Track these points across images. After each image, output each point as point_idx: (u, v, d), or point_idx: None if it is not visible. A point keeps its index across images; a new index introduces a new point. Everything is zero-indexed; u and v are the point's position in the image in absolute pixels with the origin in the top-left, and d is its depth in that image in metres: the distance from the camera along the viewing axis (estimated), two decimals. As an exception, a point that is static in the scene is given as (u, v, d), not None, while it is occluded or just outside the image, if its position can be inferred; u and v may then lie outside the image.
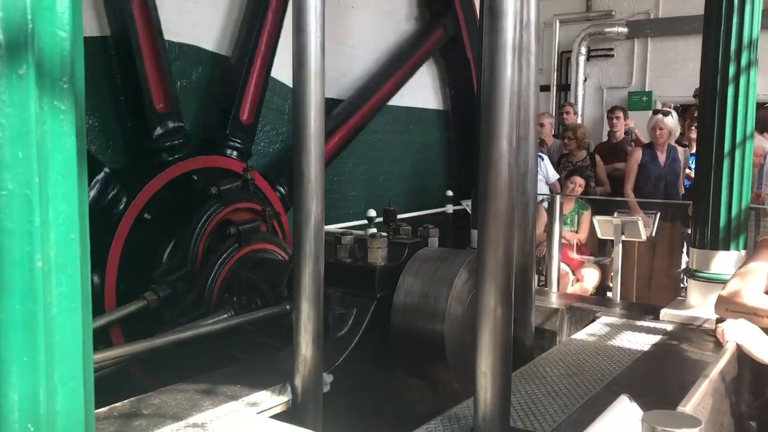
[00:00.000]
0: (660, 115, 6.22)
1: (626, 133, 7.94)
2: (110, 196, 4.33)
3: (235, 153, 5.17)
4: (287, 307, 3.62)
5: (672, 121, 6.18)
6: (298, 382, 2.66)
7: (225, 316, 3.74)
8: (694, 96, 9.08)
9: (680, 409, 1.50)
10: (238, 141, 5.18)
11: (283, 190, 5.59)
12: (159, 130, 4.65)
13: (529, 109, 3.39)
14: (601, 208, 6.16)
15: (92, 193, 4.26)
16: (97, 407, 1.54)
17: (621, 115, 7.86)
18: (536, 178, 3.70)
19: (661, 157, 6.17)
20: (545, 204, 6.31)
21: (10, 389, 0.84)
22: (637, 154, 6.24)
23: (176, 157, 4.68)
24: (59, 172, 0.88)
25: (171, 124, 4.72)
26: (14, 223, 0.84)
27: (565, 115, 8.43)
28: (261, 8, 5.41)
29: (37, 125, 0.84)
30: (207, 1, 5.30)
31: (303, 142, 2.52)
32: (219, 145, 5.10)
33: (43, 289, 0.86)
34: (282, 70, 5.71)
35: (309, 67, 2.49)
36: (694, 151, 5.88)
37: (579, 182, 6.36)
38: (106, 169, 4.38)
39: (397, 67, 7.32)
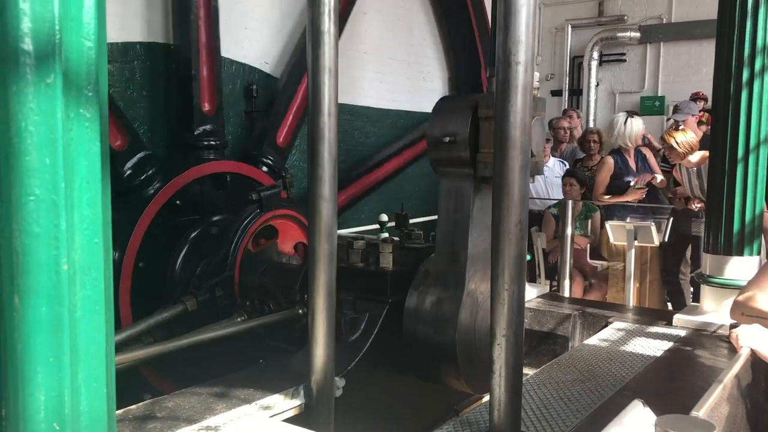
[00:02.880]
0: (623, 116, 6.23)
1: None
2: (144, 176, 4.51)
3: (212, 153, 5.02)
4: (299, 311, 3.64)
5: (639, 124, 6.19)
6: (310, 385, 2.68)
7: (238, 320, 3.76)
8: (691, 101, 9.04)
9: (694, 414, 1.50)
10: (211, 138, 5.01)
11: (270, 161, 5.62)
12: (201, 128, 4.82)
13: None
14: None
15: (130, 167, 4.49)
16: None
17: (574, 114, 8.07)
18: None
19: (631, 162, 6.15)
20: (553, 210, 6.30)
21: (36, 389, 0.86)
22: (610, 163, 6.19)
23: (211, 157, 4.84)
24: (84, 178, 0.90)
25: (212, 126, 4.90)
26: (41, 227, 0.86)
27: (568, 120, 8.39)
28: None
29: (64, 132, 0.87)
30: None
31: (317, 148, 2.54)
32: (193, 148, 4.94)
33: (68, 291, 0.89)
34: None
35: (323, 74, 2.51)
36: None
37: (571, 182, 6.32)
38: (148, 151, 4.59)
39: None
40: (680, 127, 5.53)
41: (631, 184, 5.89)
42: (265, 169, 5.30)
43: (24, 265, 0.85)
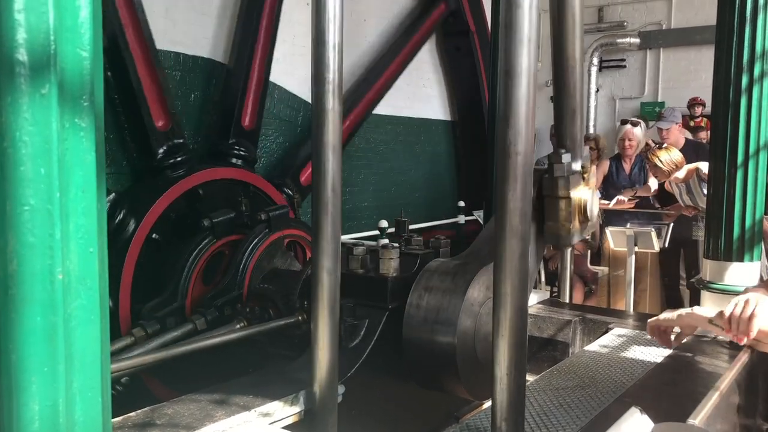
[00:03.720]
0: (629, 126, 6.13)
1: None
2: (117, 221, 4.38)
3: (240, 161, 5.23)
4: (300, 317, 3.64)
5: (641, 132, 6.12)
6: (311, 392, 2.67)
7: (238, 326, 3.76)
8: (688, 107, 9.06)
9: (690, 421, 1.50)
10: (243, 149, 5.26)
11: (290, 191, 5.66)
12: (162, 149, 4.74)
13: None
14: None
15: (164, 149, 4.60)
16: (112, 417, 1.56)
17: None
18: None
19: (627, 167, 6.13)
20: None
21: (30, 399, 0.86)
22: (605, 166, 6.21)
23: (180, 173, 4.75)
24: (79, 188, 0.90)
25: (173, 141, 4.81)
26: (36, 236, 0.86)
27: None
28: (255, 12, 5.48)
29: (59, 142, 0.87)
30: (197, 9, 5.40)
31: (320, 152, 2.54)
32: (224, 154, 5.18)
33: (63, 301, 0.89)
34: (279, 77, 5.92)
35: (327, 81, 2.51)
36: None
37: None
38: (182, 140, 4.70)
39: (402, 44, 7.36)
40: (663, 146, 5.52)
41: (618, 198, 5.92)
42: (240, 162, 5.29)
43: (19, 275, 0.85)
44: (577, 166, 3.27)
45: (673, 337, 2.39)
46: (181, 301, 4.19)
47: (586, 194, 3.17)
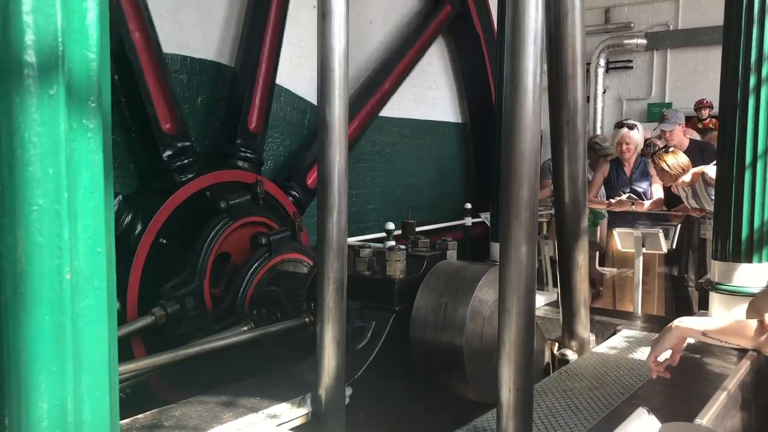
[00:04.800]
0: (625, 129, 6.05)
1: (647, 145, 7.87)
2: (125, 224, 4.40)
3: (247, 164, 5.26)
4: (306, 319, 3.64)
5: (638, 135, 6.06)
6: (318, 394, 2.68)
7: (245, 328, 3.77)
8: (695, 109, 9.00)
9: (698, 421, 1.49)
10: (249, 151, 5.28)
11: (296, 194, 5.67)
12: (169, 152, 4.77)
13: (577, 50, 3.40)
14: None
15: (171, 152, 4.61)
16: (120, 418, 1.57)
17: None
18: (584, 117, 3.61)
19: (627, 170, 6.09)
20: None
21: (39, 398, 0.87)
22: (605, 167, 6.17)
23: (188, 177, 4.79)
24: (87, 188, 0.91)
25: (180, 144, 4.84)
26: (44, 237, 0.87)
27: None
28: (261, 15, 5.51)
29: (67, 143, 0.88)
30: (203, 13, 5.42)
31: (328, 156, 2.55)
32: (231, 156, 5.20)
33: (71, 300, 0.89)
34: (285, 79, 5.97)
35: (333, 85, 2.52)
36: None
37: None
38: (189, 142, 4.71)
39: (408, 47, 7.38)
40: (670, 149, 5.48)
41: (613, 201, 5.90)
42: (247, 165, 5.31)
43: (27, 274, 0.85)
44: None
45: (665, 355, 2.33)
46: (200, 281, 4.23)
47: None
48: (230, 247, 4.60)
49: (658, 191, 5.96)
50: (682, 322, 2.20)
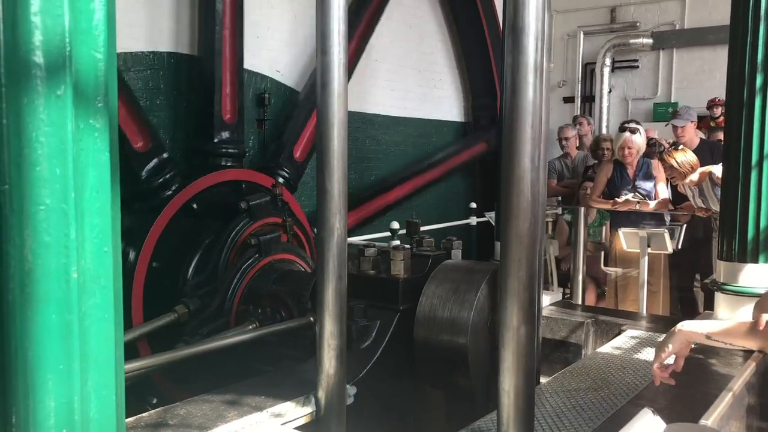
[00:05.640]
0: (627, 133, 5.99)
1: (652, 144, 7.84)
2: (163, 179, 4.58)
3: (229, 160, 5.11)
4: (311, 319, 3.64)
5: (640, 138, 6.01)
6: (322, 393, 2.68)
7: (249, 327, 3.78)
8: (708, 107, 8.97)
9: (703, 422, 1.49)
10: (230, 146, 5.11)
11: (286, 173, 5.70)
12: (221, 136, 4.90)
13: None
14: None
15: (149, 169, 4.56)
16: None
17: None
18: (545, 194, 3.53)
19: (630, 172, 6.06)
20: (566, 217, 6.26)
21: (46, 396, 0.87)
22: (608, 168, 6.14)
23: (228, 164, 4.93)
24: (94, 188, 0.91)
25: (231, 135, 4.98)
26: (51, 236, 0.88)
27: (578, 127, 8.33)
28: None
29: (74, 143, 0.88)
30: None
31: (326, 159, 2.56)
32: (211, 155, 5.05)
33: (78, 299, 0.90)
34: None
35: (332, 87, 2.53)
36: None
37: (589, 186, 6.29)
38: (167, 155, 4.68)
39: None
40: (680, 147, 5.45)
41: (618, 199, 5.87)
42: (281, 180, 5.37)
43: (34, 273, 0.86)
44: None
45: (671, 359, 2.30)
46: (227, 317, 4.13)
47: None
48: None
49: (663, 191, 5.93)
50: (685, 326, 2.18)
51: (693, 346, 3.17)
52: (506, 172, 2.05)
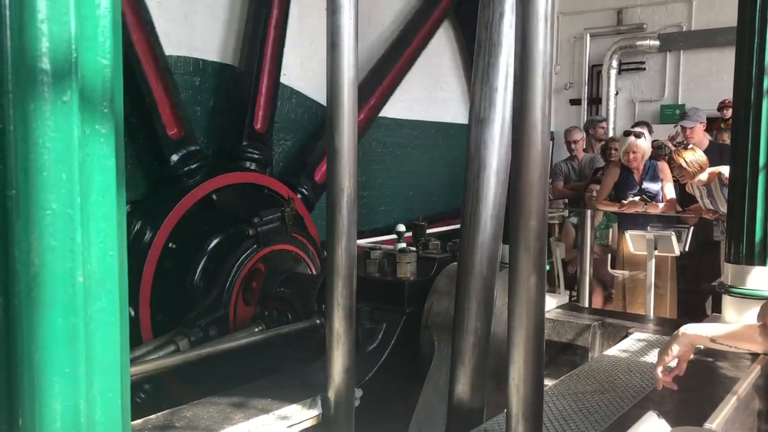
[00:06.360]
0: (632, 138, 5.94)
1: (659, 147, 7.82)
2: (135, 230, 4.43)
3: (254, 165, 5.27)
4: (317, 321, 3.65)
5: (645, 143, 5.95)
6: (328, 396, 2.69)
7: (256, 330, 3.79)
8: (718, 109, 8.93)
9: (707, 425, 1.48)
10: (256, 152, 5.28)
11: (305, 191, 5.67)
12: (176, 157, 4.75)
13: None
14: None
15: (179, 157, 4.62)
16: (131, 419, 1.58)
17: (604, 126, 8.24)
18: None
19: (637, 176, 6.03)
20: (573, 219, 6.24)
21: (52, 399, 0.88)
22: (615, 171, 6.11)
23: (196, 179, 4.77)
24: (100, 193, 0.92)
25: (260, 142, 5.07)
26: (57, 240, 0.89)
27: (600, 131, 8.31)
28: (263, 15, 5.50)
29: (80, 148, 0.89)
30: (206, 13, 5.41)
31: (337, 155, 2.56)
32: (238, 158, 5.20)
33: (84, 303, 0.91)
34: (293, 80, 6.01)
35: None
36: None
37: (596, 188, 6.27)
38: (196, 147, 4.73)
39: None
40: (689, 146, 5.42)
41: (625, 201, 5.84)
42: (253, 165, 5.30)
43: (40, 277, 0.87)
44: None
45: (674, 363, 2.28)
46: (224, 311, 4.11)
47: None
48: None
49: (670, 191, 5.91)
50: (689, 329, 2.17)
51: (701, 348, 3.17)
52: (515, 174, 2.04)
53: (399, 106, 7.36)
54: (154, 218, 4.43)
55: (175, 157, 4.71)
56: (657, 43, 10.61)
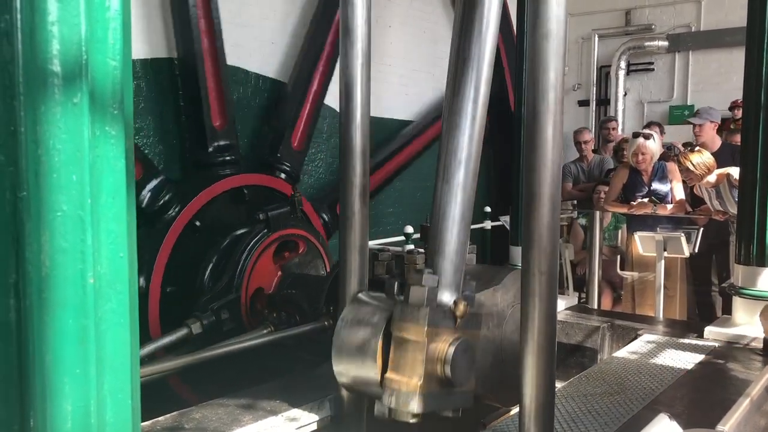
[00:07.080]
0: (641, 139, 5.88)
1: (669, 148, 7.78)
2: (162, 202, 4.55)
3: (283, 175, 5.38)
4: (326, 323, 3.65)
5: (654, 144, 5.89)
6: (337, 398, 2.68)
7: (265, 331, 3.79)
8: (729, 109, 8.86)
9: (720, 428, 1.47)
10: (287, 164, 5.42)
11: (326, 217, 5.73)
12: (214, 145, 4.92)
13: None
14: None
15: (147, 194, 4.50)
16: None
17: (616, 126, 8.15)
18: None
19: (645, 178, 5.98)
20: (581, 220, 6.21)
21: (63, 400, 0.88)
22: (624, 173, 6.06)
23: (228, 172, 4.91)
24: (110, 194, 0.93)
25: (225, 141, 4.99)
26: (68, 242, 0.89)
27: (611, 132, 8.25)
28: (320, 37, 5.66)
29: (90, 150, 0.90)
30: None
31: (349, 160, 2.57)
32: (271, 166, 5.33)
33: (94, 304, 0.91)
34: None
35: (355, 89, 2.54)
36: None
37: (604, 190, 6.24)
38: (163, 176, 4.65)
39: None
40: (696, 148, 5.38)
41: (633, 203, 5.80)
42: (282, 175, 5.38)
43: (51, 279, 0.87)
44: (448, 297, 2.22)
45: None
46: (237, 294, 4.15)
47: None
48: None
49: (679, 191, 5.87)
50: None
51: (714, 346, 3.13)
52: (528, 174, 2.04)
53: (406, 108, 7.36)
54: (182, 196, 4.57)
55: (213, 146, 4.88)
56: (666, 43, 10.56)
